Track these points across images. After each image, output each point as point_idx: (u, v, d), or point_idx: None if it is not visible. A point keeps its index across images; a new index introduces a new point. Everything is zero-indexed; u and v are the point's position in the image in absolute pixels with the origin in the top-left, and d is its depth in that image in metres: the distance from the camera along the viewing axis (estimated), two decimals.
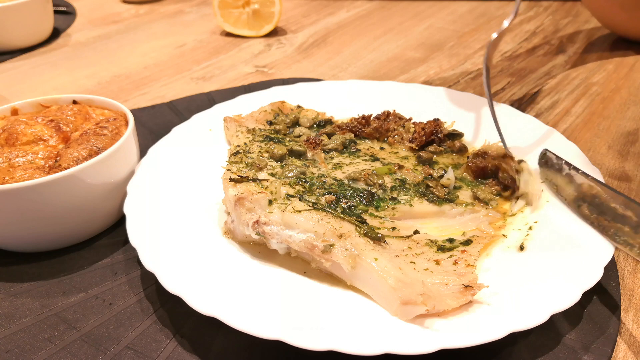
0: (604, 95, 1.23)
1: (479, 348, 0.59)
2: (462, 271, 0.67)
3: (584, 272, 0.64)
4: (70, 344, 0.66)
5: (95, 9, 2.01)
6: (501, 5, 1.86)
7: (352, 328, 0.60)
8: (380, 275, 0.64)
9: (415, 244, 0.71)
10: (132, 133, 0.85)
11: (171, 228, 0.76)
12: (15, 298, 0.74)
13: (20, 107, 0.93)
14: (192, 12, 1.94)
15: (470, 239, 0.73)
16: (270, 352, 0.63)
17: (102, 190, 0.80)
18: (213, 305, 0.62)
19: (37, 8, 1.57)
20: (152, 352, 0.65)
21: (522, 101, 1.22)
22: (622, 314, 0.68)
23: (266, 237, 0.71)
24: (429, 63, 1.44)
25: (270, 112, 1.01)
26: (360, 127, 0.96)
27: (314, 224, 0.69)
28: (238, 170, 0.80)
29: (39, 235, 0.79)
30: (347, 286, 0.68)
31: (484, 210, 0.78)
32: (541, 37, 1.58)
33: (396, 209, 0.76)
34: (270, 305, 0.63)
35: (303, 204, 0.72)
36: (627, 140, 1.05)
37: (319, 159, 0.86)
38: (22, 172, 0.76)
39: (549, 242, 0.71)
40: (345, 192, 0.77)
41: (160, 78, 1.42)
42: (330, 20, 1.80)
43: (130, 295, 0.73)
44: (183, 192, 0.84)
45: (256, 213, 0.72)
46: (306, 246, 0.68)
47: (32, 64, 1.52)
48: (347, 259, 0.65)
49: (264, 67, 1.46)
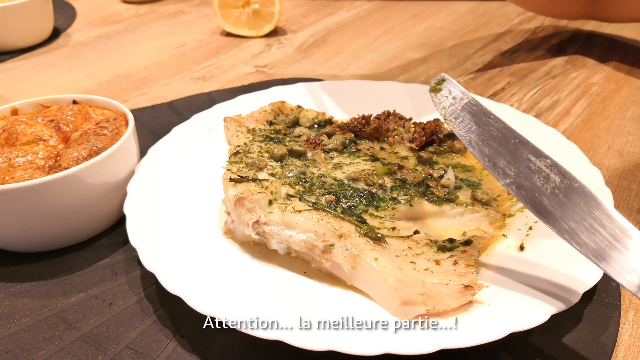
0: (604, 95, 1.23)
1: (479, 348, 0.58)
2: (462, 271, 0.67)
3: (584, 272, 0.64)
4: (70, 344, 0.66)
5: (95, 9, 2.01)
6: (501, 5, 1.86)
7: (352, 328, 0.60)
8: (380, 275, 0.64)
9: (415, 244, 0.71)
10: (132, 133, 0.85)
11: (171, 228, 0.76)
12: (15, 298, 0.74)
13: (20, 107, 0.93)
14: (192, 12, 1.94)
15: (471, 239, 0.73)
16: (270, 352, 0.63)
17: (102, 190, 0.80)
18: (213, 305, 0.62)
19: (37, 8, 1.57)
20: (152, 352, 0.65)
21: (522, 101, 1.22)
22: (622, 314, 0.68)
23: (266, 237, 0.71)
24: (429, 63, 1.44)
25: (270, 112, 1.01)
26: (360, 127, 0.96)
27: (314, 224, 0.69)
28: (238, 170, 0.80)
29: (39, 235, 0.79)
30: (347, 286, 0.68)
31: (484, 210, 0.78)
32: (541, 37, 1.58)
33: (396, 209, 0.76)
34: (270, 305, 0.63)
35: (303, 204, 0.72)
36: (627, 140, 1.05)
37: (319, 159, 0.86)
38: (22, 172, 0.76)
39: (549, 242, 0.71)
40: (345, 192, 0.77)
41: (160, 78, 1.42)
42: (330, 20, 1.80)
43: (130, 295, 0.73)
44: (183, 192, 0.84)
45: (256, 213, 0.72)
46: (306, 246, 0.68)
47: (32, 64, 1.52)
48: (347, 259, 0.65)
49: (264, 67, 1.46)
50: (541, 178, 0.61)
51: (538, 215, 0.60)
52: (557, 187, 0.60)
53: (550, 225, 0.59)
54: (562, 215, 0.58)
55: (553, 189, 0.60)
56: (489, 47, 1.53)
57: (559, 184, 0.60)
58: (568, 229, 0.58)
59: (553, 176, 0.61)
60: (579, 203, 0.58)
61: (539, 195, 0.60)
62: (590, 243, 0.56)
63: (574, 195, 0.59)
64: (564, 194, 0.59)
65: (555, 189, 0.60)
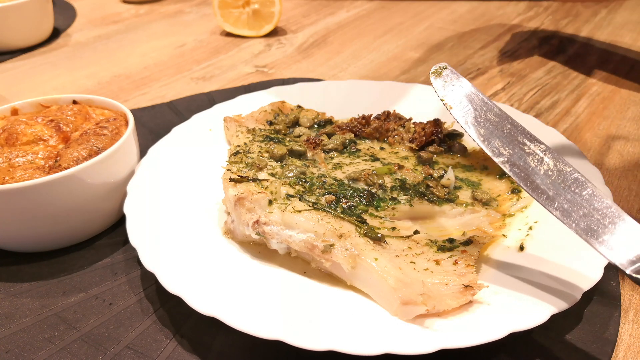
0: (604, 95, 1.23)
1: (479, 348, 0.59)
2: (462, 271, 0.67)
3: (584, 272, 0.64)
4: (70, 344, 0.66)
5: (95, 9, 2.01)
6: (501, 5, 1.86)
7: (352, 328, 0.60)
8: (380, 275, 0.64)
9: (415, 244, 0.71)
10: (132, 133, 0.85)
11: (171, 228, 0.76)
12: (15, 298, 0.74)
13: (20, 107, 0.93)
14: (192, 12, 1.94)
15: (471, 239, 0.73)
16: (270, 352, 0.63)
17: (102, 190, 0.80)
18: (213, 305, 0.62)
19: (37, 8, 1.57)
20: (152, 352, 0.65)
21: (522, 101, 1.22)
22: (622, 314, 0.68)
23: (266, 237, 0.71)
24: (429, 63, 1.44)
25: (270, 112, 1.01)
26: (360, 127, 0.96)
27: (314, 224, 0.69)
28: (238, 170, 0.80)
29: (39, 235, 0.79)
30: (347, 286, 0.68)
31: (484, 210, 0.78)
32: (541, 37, 1.58)
33: (396, 209, 0.76)
34: (270, 305, 0.63)
35: (303, 204, 0.72)
36: (627, 140, 1.05)
37: (319, 159, 0.86)
38: (22, 172, 0.76)
39: (549, 242, 0.71)
40: (345, 192, 0.77)
41: (160, 78, 1.42)
42: (330, 20, 1.80)
43: (130, 295, 0.73)
44: (183, 192, 0.84)
45: (256, 213, 0.72)
46: (306, 246, 0.68)
47: (32, 64, 1.52)
48: (347, 259, 0.65)
49: (264, 67, 1.46)
50: (535, 160, 0.63)
51: (531, 193, 0.61)
52: (551, 169, 0.61)
53: (542, 203, 0.60)
54: (555, 195, 0.60)
55: (546, 171, 0.62)
56: (489, 47, 1.53)
57: (552, 167, 0.61)
58: (560, 207, 0.59)
59: (547, 160, 0.62)
60: (572, 185, 0.60)
61: (532, 174, 0.62)
62: (582, 223, 0.57)
63: (567, 177, 0.60)
64: (557, 176, 0.61)
65: (549, 170, 0.61)
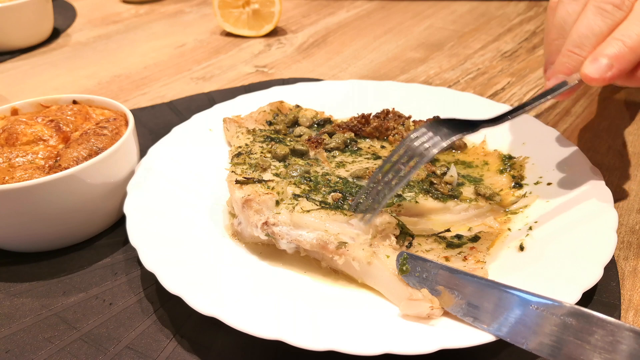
0: (604, 95, 1.22)
1: (479, 348, 0.58)
2: (472, 267, 0.67)
3: (584, 272, 0.64)
4: (70, 344, 0.66)
5: (95, 9, 2.01)
6: (501, 5, 1.86)
7: (352, 328, 0.60)
8: (392, 272, 0.65)
9: (424, 240, 0.73)
10: (132, 133, 0.85)
11: (171, 228, 0.76)
12: (15, 298, 0.74)
13: (20, 107, 0.93)
14: (192, 12, 1.94)
15: (478, 235, 0.74)
16: (270, 352, 0.63)
17: (102, 190, 0.80)
18: (213, 305, 0.62)
19: (37, 8, 1.56)
20: (152, 352, 0.65)
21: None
22: (622, 314, 0.68)
23: (275, 237, 0.71)
24: (429, 63, 1.44)
25: (269, 112, 1.01)
26: (360, 126, 0.96)
27: (324, 222, 0.70)
28: (242, 171, 0.80)
29: (39, 235, 0.79)
30: (348, 286, 0.68)
31: (488, 205, 0.79)
32: (541, 37, 1.58)
33: (402, 206, 0.76)
34: (270, 305, 0.63)
35: (311, 204, 0.72)
36: (627, 140, 1.05)
37: (322, 158, 0.86)
38: (22, 172, 0.76)
39: (549, 242, 0.71)
40: (351, 190, 0.77)
41: (160, 78, 1.42)
42: (330, 20, 1.80)
43: (130, 295, 0.73)
44: (183, 192, 0.84)
45: (264, 214, 0.72)
46: (318, 244, 0.68)
47: (32, 64, 1.52)
48: (365, 255, 0.66)
49: (264, 67, 1.46)
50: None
51: None
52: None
53: None
54: None
55: None
56: (489, 47, 1.53)
57: None
58: None
59: None
60: None
61: None
62: None
63: None
64: None
65: None
